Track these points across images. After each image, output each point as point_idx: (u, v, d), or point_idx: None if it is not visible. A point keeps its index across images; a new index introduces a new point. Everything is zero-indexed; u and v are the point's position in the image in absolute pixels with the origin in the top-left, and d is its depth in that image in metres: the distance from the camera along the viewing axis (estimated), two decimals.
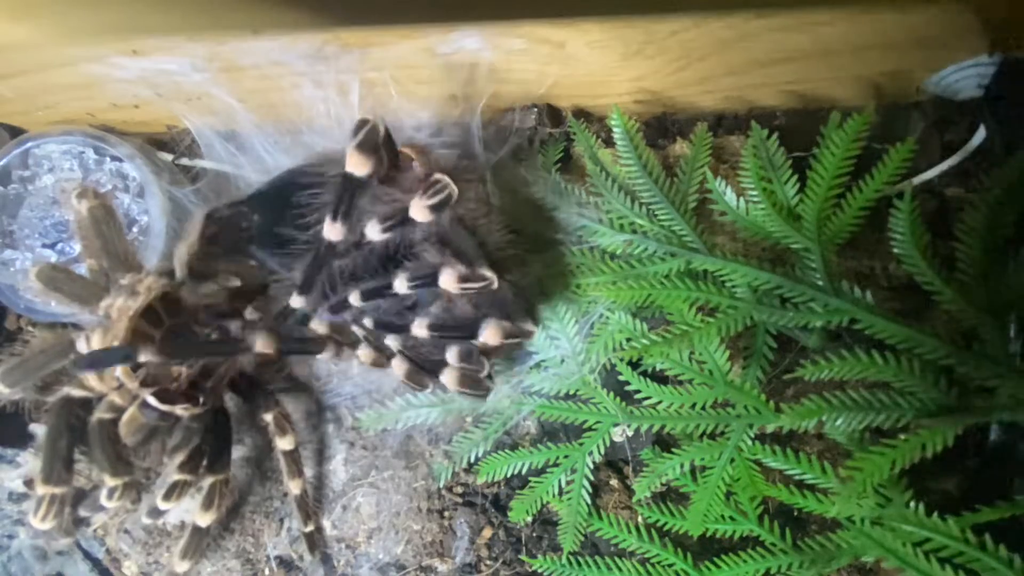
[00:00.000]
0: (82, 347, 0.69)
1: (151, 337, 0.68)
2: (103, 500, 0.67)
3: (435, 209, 0.59)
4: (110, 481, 0.66)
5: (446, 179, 0.58)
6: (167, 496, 0.70)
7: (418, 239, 0.63)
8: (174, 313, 0.71)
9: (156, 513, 0.71)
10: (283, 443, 0.78)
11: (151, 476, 0.74)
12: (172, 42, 0.77)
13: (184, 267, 0.73)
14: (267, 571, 0.85)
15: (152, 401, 0.67)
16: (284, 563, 0.85)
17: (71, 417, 0.68)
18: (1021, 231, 0.66)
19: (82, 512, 0.70)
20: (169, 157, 0.90)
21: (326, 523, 0.84)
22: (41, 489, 0.67)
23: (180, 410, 0.68)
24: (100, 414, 0.67)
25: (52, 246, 0.87)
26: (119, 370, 0.67)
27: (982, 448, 0.70)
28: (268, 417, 0.78)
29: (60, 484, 0.67)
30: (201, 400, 0.70)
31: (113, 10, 0.74)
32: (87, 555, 0.88)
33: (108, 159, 0.88)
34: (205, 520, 0.75)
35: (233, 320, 0.74)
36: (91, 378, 0.68)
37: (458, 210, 0.63)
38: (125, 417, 0.67)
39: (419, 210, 0.59)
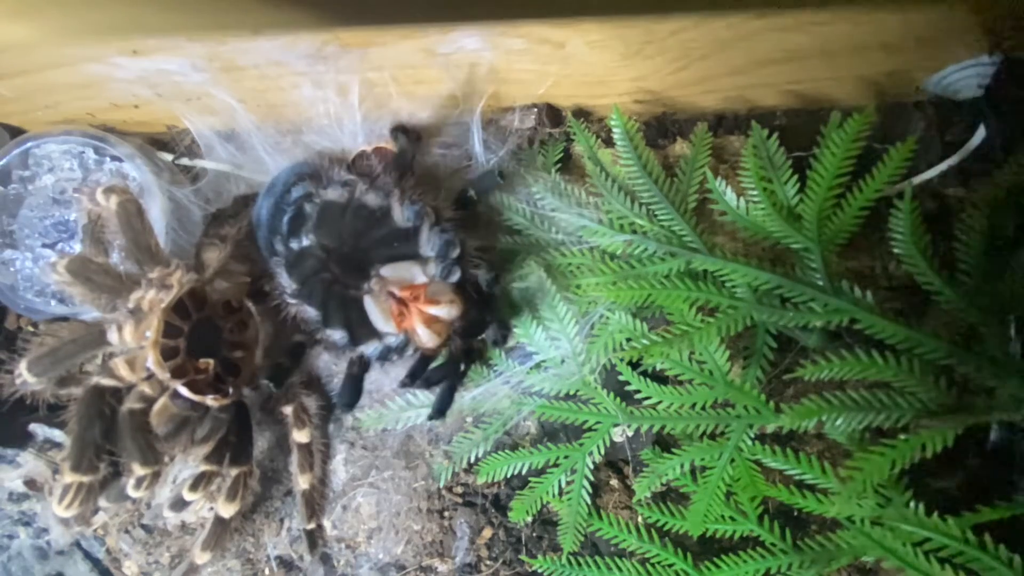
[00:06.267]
0: (114, 338, 0.70)
1: (180, 330, 0.70)
2: (130, 490, 0.68)
3: None
4: (139, 470, 0.67)
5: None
6: (194, 487, 0.71)
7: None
8: (199, 307, 0.72)
9: (180, 504, 0.72)
10: (300, 436, 0.79)
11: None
12: (172, 42, 0.77)
13: (220, 263, 0.75)
14: (267, 571, 0.85)
15: (183, 391, 0.69)
16: (284, 563, 0.85)
17: (101, 406, 0.69)
18: (1021, 231, 0.66)
19: (104, 502, 0.70)
20: (169, 157, 0.90)
21: (326, 523, 0.84)
22: (69, 477, 0.67)
23: (210, 400, 0.70)
24: (131, 404, 0.68)
25: (52, 246, 0.87)
26: (150, 360, 0.68)
27: (982, 448, 0.70)
28: (287, 409, 0.79)
29: (89, 472, 0.68)
30: (230, 391, 0.71)
31: (113, 10, 0.74)
32: (87, 555, 0.88)
33: (108, 159, 0.88)
34: (229, 511, 0.75)
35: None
36: (121, 368, 0.69)
37: None
38: (156, 407, 0.68)
39: None
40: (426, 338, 0.67)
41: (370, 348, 0.72)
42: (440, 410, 0.75)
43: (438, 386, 0.75)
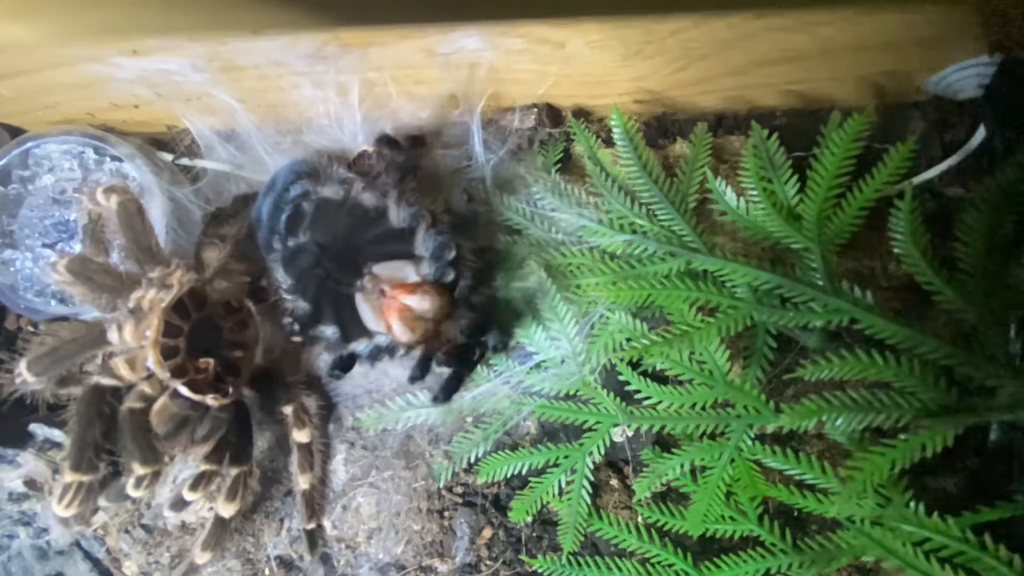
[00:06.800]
0: (114, 337, 0.71)
1: (180, 329, 0.70)
2: (130, 489, 0.68)
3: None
4: (139, 470, 0.67)
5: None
6: (194, 487, 0.71)
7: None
8: (199, 307, 0.72)
9: (180, 504, 0.72)
10: (300, 436, 0.79)
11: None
12: (172, 42, 0.77)
13: (221, 262, 0.75)
14: (267, 571, 0.85)
15: (183, 391, 0.69)
16: (284, 563, 0.85)
17: (101, 406, 0.69)
18: (1021, 231, 0.66)
19: (104, 502, 0.70)
20: (169, 157, 0.90)
21: (326, 523, 0.84)
22: (69, 476, 0.67)
23: (210, 400, 0.70)
24: (131, 403, 0.68)
25: (52, 246, 0.87)
26: (150, 360, 0.68)
27: (982, 448, 0.70)
28: (287, 409, 0.79)
29: (89, 472, 0.68)
30: (230, 390, 0.72)
31: (113, 10, 0.74)
32: (87, 555, 0.88)
33: (108, 159, 0.88)
34: (228, 511, 0.75)
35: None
36: (121, 367, 0.69)
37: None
38: (156, 406, 0.68)
39: None
40: (399, 332, 0.67)
41: (360, 346, 0.72)
42: (447, 392, 0.74)
43: (458, 376, 0.75)
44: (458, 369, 0.74)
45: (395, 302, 0.67)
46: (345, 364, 0.73)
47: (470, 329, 0.71)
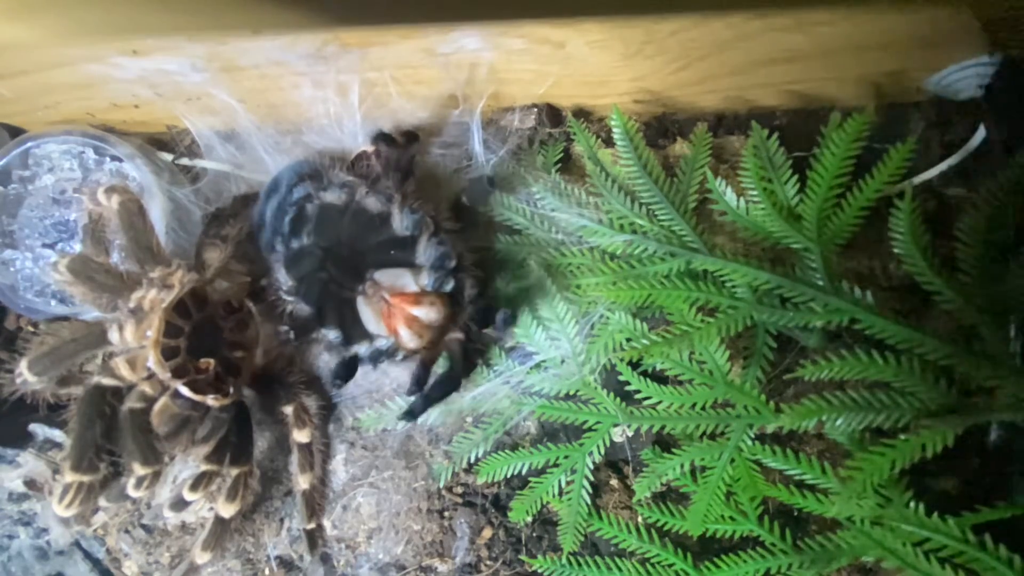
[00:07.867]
0: (114, 337, 0.71)
1: (181, 329, 0.71)
2: (130, 489, 0.68)
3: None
4: (140, 470, 0.67)
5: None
6: (194, 487, 0.71)
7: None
8: (200, 307, 0.72)
9: (181, 504, 0.72)
10: (300, 436, 0.79)
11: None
12: (172, 42, 0.77)
13: (222, 263, 0.75)
14: (267, 571, 0.85)
15: (184, 391, 0.69)
16: (284, 563, 0.85)
17: (102, 406, 0.69)
18: (1021, 231, 0.66)
19: (104, 502, 0.70)
20: (169, 157, 0.90)
21: (326, 523, 0.84)
22: (69, 476, 0.67)
23: (211, 400, 0.70)
24: (131, 403, 0.68)
25: (52, 246, 0.87)
26: (151, 360, 0.68)
27: (982, 448, 0.70)
28: (288, 409, 0.79)
29: (89, 472, 0.68)
30: (230, 390, 0.72)
31: (113, 10, 0.74)
32: (87, 555, 0.88)
33: (108, 159, 0.88)
34: (229, 511, 0.75)
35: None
36: (122, 367, 0.69)
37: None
38: (157, 407, 0.68)
39: None
40: (407, 338, 0.68)
41: (362, 349, 0.73)
42: (412, 413, 0.74)
43: (439, 402, 0.75)
44: (447, 387, 0.75)
45: (402, 312, 0.67)
46: (348, 372, 0.73)
47: (480, 315, 0.72)
